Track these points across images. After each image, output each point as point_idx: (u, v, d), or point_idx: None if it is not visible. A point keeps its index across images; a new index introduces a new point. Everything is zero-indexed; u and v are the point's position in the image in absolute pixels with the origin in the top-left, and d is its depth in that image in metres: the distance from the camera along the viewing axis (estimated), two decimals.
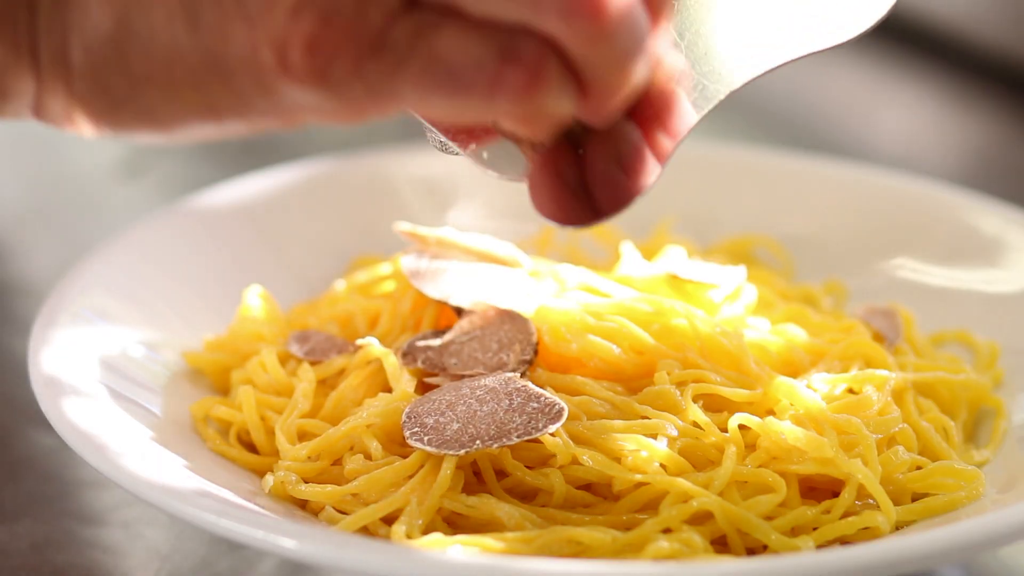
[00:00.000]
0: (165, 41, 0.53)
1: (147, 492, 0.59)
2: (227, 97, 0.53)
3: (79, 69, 0.54)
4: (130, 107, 0.54)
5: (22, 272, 0.96)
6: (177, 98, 0.54)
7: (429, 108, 0.52)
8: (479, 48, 0.51)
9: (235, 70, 0.52)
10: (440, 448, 0.61)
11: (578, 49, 0.51)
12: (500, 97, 0.51)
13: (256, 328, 0.73)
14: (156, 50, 0.53)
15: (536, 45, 0.51)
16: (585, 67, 0.51)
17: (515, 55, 0.51)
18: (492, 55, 0.51)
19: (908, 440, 0.65)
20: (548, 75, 0.51)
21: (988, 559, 0.68)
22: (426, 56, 0.51)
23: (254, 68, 0.52)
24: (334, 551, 0.57)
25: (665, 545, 0.58)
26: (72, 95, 0.55)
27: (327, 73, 0.51)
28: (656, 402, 0.64)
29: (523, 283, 0.71)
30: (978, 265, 0.79)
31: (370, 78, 0.51)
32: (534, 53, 0.51)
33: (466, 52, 0.51)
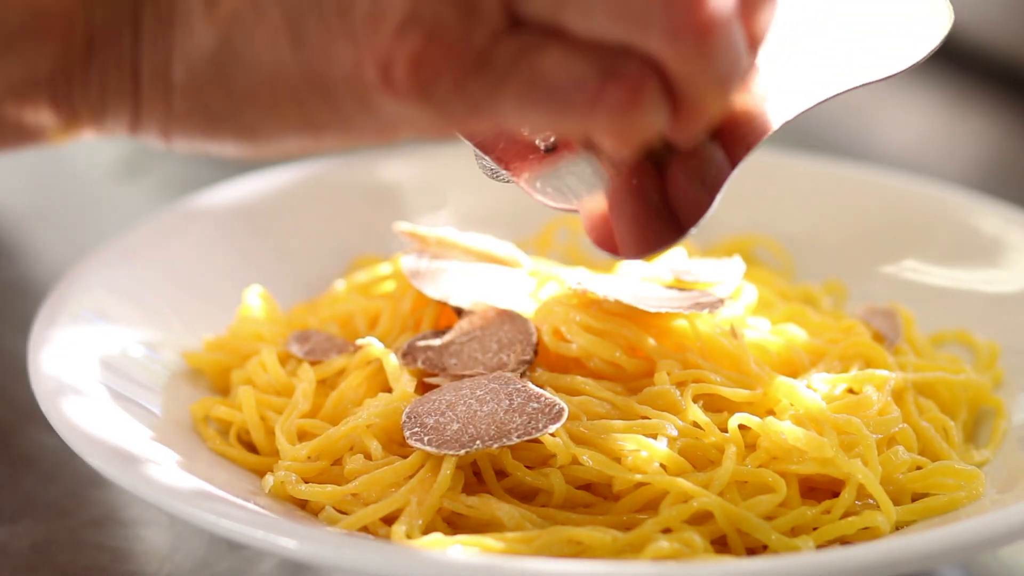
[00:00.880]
0: (268, 59, 0.54)
1: (147, 492, 0.59)
2: (327, 113, 0.54)
3: (180, 87, 0.55)
4: (230, 124, 0.55)
5: (22, 272, 0.96)
6: (277, 115, 0.54)
7: (528, 124, 0.53)
8: (581, 66, 0.52)
9: (337, 87, 0.53)
10: (440, 448, 0.61)
11: (679, 69, 0.52)
12: (600, 113, 0.52)
13: (256, 328, 0.73)
14: (259, 68, 0.54)
15: (638, 64, 0.52)
16: (683, 87, 0.52)
17: (617, 73, 0.52)
18: (594, 73, 0.51)
19: (908, 440, 0.65)
20: (648, 93, 0.52)
21: (988, 559, 0.68)
22: (528, 74, 0.52)
23: (357, 85, 0.53)
24: (334, 551, 0.57)
25: (665, 545, 0.58)
26: (171, 113, 0.55)
27: (430, 90, 0.52)
28: (656, 402, 0.64)
29: (523, 283, 0.71)
30: (978, 265, 0.79)
31: (472, 95, 0.52)
32: (636, 71, 0.52)
33: (568, 70, 0.51)
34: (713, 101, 0.53)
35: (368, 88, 0.53)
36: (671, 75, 0.52)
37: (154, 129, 0.56)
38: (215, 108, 0.55)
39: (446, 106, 0.52)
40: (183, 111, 0.55)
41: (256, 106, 0.54)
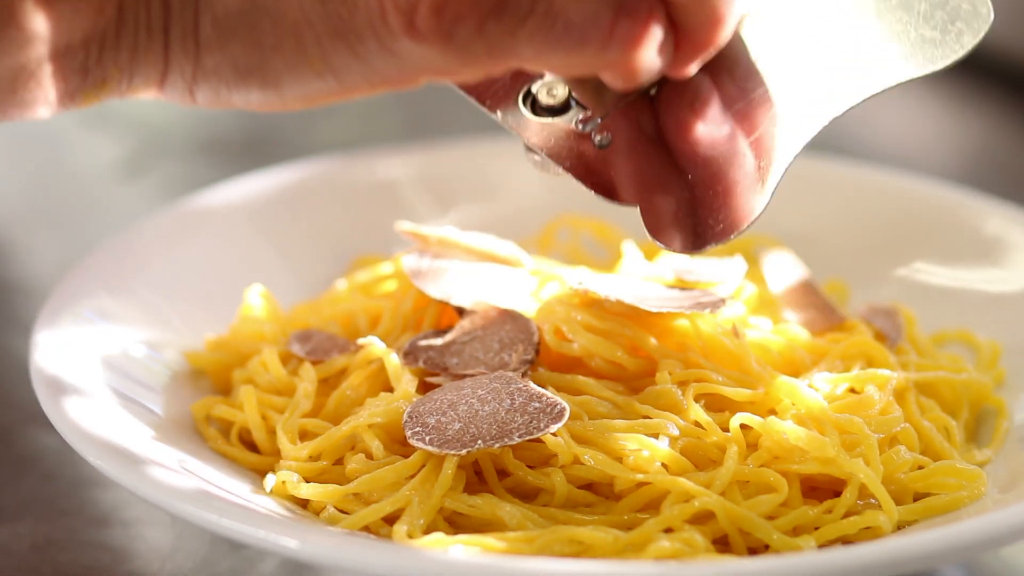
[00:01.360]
0: (293, 11, 0.56)
1: (148, 492, 0.59)
2: (352, 61, 0.56)
3: (208, 43, 0.56)
4: (256, 75, 0.57)
5: (22, 272, 0.96)
6: (303, 64, 0.56)
7: (545, 62, 0.55)
8: (594, 2, 0.54)
9: (362, 34, 0.55)
10: (441, 448, 0.61)
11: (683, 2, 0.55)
12: (612, 49, 0.55)
13: (257, 327, 0.73)
14: (285, 20, 0.56)
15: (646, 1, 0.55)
16: (686, 19, 0.56)
17: (628, 8, 0.55)
18: (607, 8, 0.54)
19: (910, 440, 0.65)
20: (656, 27, 0.55)
21: (990, 559, 0.68)
22: (544, 12, 0.54)
23: (381, 31, 0.55)
24: (335, 551, 0.57)
25: (667, 545, 0.58)
26: (199, 70, 0.57)
27: (452, 33, 0.54)
28: (658, 402, 0.64)
29: (525, 283, 0.71)
30: (980, 265, 0.79)
31: (492, 37, 0.54)
32: (646, 5, 0.55)
33: (582, 7, 0.54)
34: (712, 36, 0.57)
35: (392, 35, 0.55)
36: (675, 7, 0.55)
37: (180, 87, 0.58)
38: (242, 62, 0.56)
39: (467, 48, 0.55)
40: (211, 66, 0.57)
41: (282, 56, 0.56)
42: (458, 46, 0.55)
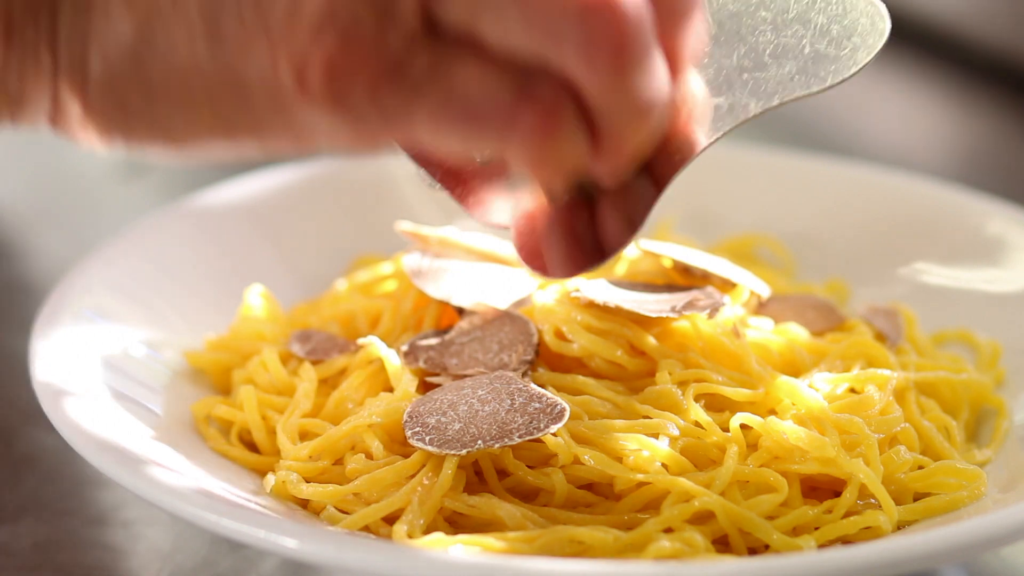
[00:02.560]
0: (184, 54, 0.52)
1: (149, 492, 0.59)
2: (242, 115, 0.53)
3: (96, 78, 0.53)
4: (144, 120, 0.54)
5: (22, 272, 0.96)
6: (192, 113, 0.53)
7: (442, 140, 0.52)
8: (497, 84, 0.50)
9: (253, 88, 0.52)
10: (441, 448, 0.61)
11: (595, 96, 0.51)
12: (513, 136, 0.50)
13: (257, 327, 0.73)
14: (174, 63, 0.53)
15: (553, 87, 0.50)
16: (601, 115, 0.51)
17: (531, 95, 0.50)
18: (509, 92, 0.50)
19: (910, 440, 0.65)
20: (562, 118, 0.51)
21: (990, 559, 0.68)
22: (443, 87, 0.50)
23: (272, 87, 0.52)
24: (335, 551, 0.57)
25: (667, 545, 0.58)
26: (88, 106, 0.54)
27: (344, 97, 0.51)
28: (658, 402, 0.64)
29: (525, 283, 0.71)
30: (980, 264, 0.79)
31: (386, 105, 0.51)
32: (550, 94, 0.50)
33: (483, 86, 0.50)
34: (633, 133, 0.52)
35: (283, 91, 0.51)
36: (588, 102, 0.51)
37: (73, 123, 0.55)
38: (130, 103, 0.54)
39: (359, 115, 0.51)
40: (98, 104, 0.54)
41: (170, 103, 0.53)
42: (350, 112, 0.51)
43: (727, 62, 0.58)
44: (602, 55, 0.50)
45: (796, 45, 0.59)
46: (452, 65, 0.50)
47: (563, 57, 0.50)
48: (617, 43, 0.50)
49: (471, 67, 0.50)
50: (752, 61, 0.59)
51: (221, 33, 0.52)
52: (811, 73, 0.58)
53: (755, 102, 0.58)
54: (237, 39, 0.52)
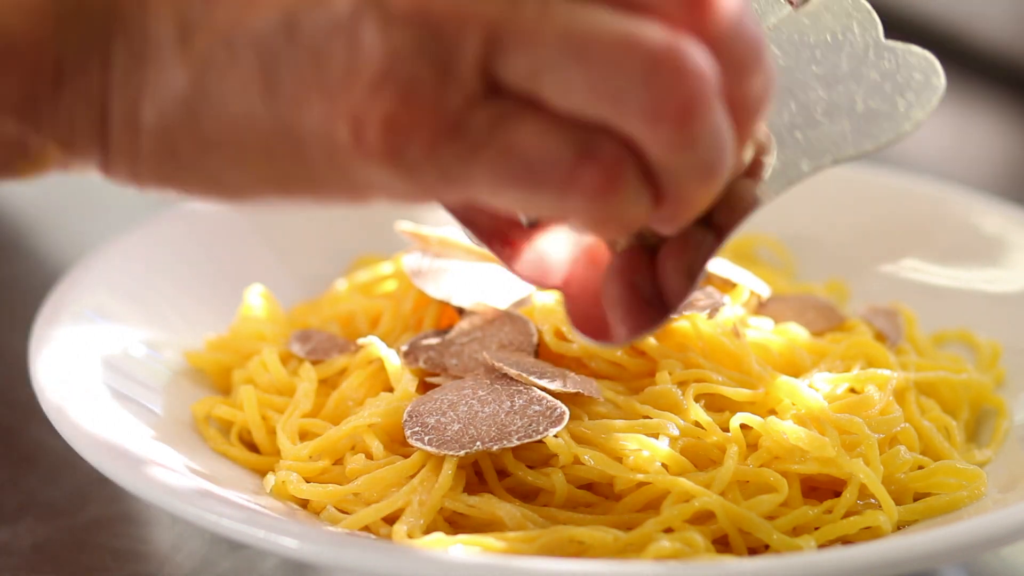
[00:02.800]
0: (239, 108, 0.51)
1: (149, 492, 0.59)
2: (297, 170, 0.52)
3: (148, 130, 0.53)
4: (196, 173, 0.53)
5: (23, 271, 0.96)
6: (245, 167, 0.52)
7: (500, 198, 0.51)
8: (557, 144, 0.49)
9: (308, 143, 0.51)
10: (441, 448, 0.61)
11: (658, 155, 0.50)
12: (573, 195, 0.50)
13: (257, 327, 0.73)
14: (229, 116, 0.51)
15: (615, 146, 0.50)
16: (663, 175, 0.50)
17: (592, 154, 0.49)
18: (569, 152, 0.49)
19: (910, 440, 0.65)
20: (624, 178, 0.50)
21: (990, 559, 0.68)
22: (503, 146, 0.49)
23: (328, 142, 0.51)
24: (335, 551, 0.57)
25: (667, 545, 0.58)
26: (138, 155, 0.53)
27: (402, 154, 0.50)
28: (658, 402, 0.64)
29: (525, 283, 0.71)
30: (980, 264, 0.79)
31: (444, 162, 0.50)
32: (612, 154, 0.50)
33: (543, 146, 0.49)
34: (696, 191, 0.51)
35: (339, 147, 0.50)
36: (650, 161, 0.50)
37: (123, 170, 0.54)
38: (182, 155, 0.53)
39: (417, 173, 0.50)
40: (150, 154, 0.53)
41: (224, 156, 0.52)
42: (408, 169, 0.50)
43: (778, 119, 0.57)
44: (666, 117, 0.49)
45: (848, 102, 0.57)
46: (511, 123, 0.50)
47: (626, 118, 0.49)
48: (681, 104, 0.49)
49: (531, 125, 0.50)
50: (804, 119, 0.57)
51: (277, 87, 0.51)
52: (864, 132, 0.56)
53: (807, 162, 0.56)
54: (293, 94, 0.51)
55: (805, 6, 0.59)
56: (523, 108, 0.50)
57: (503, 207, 0.52)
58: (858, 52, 0.58)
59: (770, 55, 0.52)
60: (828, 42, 0.58)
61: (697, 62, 0.49)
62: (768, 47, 0.52)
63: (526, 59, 0.49)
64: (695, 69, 0.49)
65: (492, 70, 0.49)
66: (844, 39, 0.58)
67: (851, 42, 0.58)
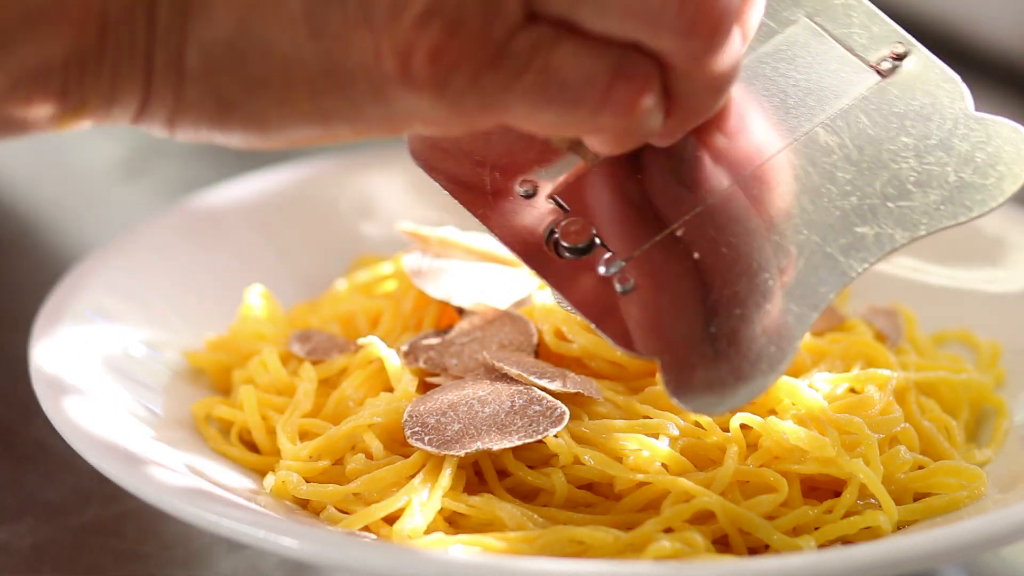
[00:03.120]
0: (285, 47, 0.53)
1: (148, 492, 0.59)
2: (340, 103, 0.53)
3: (193, 74, 0.54)
4: (240, 113, 0.54)
5: (23, 271, 0.96)
6: (290, 104, 0.54)
7: (537, 120, 0.53)
8: (593, 63, 0.52)
9: (354, 77, 0.53)
10: (440, 448, 0.61)
11: (684, 68, 0.53)
12: (606, 112, 0.53)
13: (257, 327, 0.73)
14: (275, 55, 0.53)
15: (646, 63, 0.53)
16: (682, 88, 0.53)
17: (626, 72, 0.52)
18: (605, 71, 0.52)
19: (910, 440, 0.65)
20: (652, 92, 0.53)
21: (990, 559, 0.68)
22: (542, 70, 0.52)
23: (374, 75, 0.53)
24: (335, 551, 0.57)
25: (667, 545, 0.58)
26: (181, 101, 0.54)
27: (446, 83, 0.52)
28: (658, 402, 0.64)
29: (525, 283, 0.71)
30: (980, 265, 0.79)
31: (486, 89, 0.52)
32: (643, 71, 0.53)
33: (580, 67, 0.52)
34: (707, 101, 0.55)
35: (385, 79, 0.53)
36: (674, 74, 0.53)
37: (160, 117, 0.55)
38: (227, 96, 0.54)
39: (459, 100, 0.52)
40: (194, 99, 0.54)
41: (269, 94, 0.54)
42: (451, 96, 0.52)
43: (870, 189, 0.58)
44: (699, 37, 0.52)
45: (940, 173, 0.58)
46: (549, 48, 0.52)
47: (659, 39, 0.52)
48: (713, 25, 0.52)
49: (567, 49, 0.52)
50: (896, 189, 0.58)
51: (323, 24, 0.52)
52: (957, 203, 0.58)
53: (901, 232, 0.58)
54: (339, 30, 0.52)
55: (894, 76, 0.60)
56: (559, 32, 0.52)
57: (533, 129, 0.54)
58: (947, 123, 0.59)
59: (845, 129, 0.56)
60: (917, 112, 0.59)
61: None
62: None
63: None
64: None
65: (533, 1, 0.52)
66: (933, 109, 0.59)
67: (940, 112, 0.59)
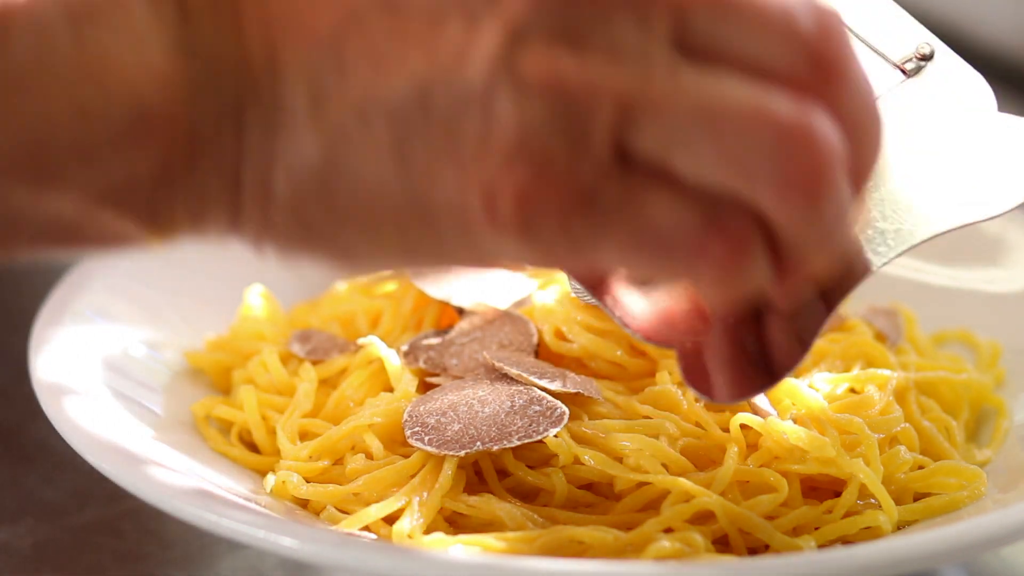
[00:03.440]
0: (372, 179, 0.51)
1: (148, 492, 0.59)
2: (426, 239, 0.51)
3: (280, 199, 0.52)
4: (327, 243, 0.52)
5: (23, 271, 0.96)
6: (376, 237, 0.52)
7: (629, 268, 0.52)
8: (687, 214, 0.49)
9: (440, 214, 0.50)
10: (440, 448, 0.61)
11: (785, 226, 0.50)
12: (702, 265, 0.50)
13: (258, 327, 0.73)
14: (361, 187, 0.51)
15: (743, 217, 0.50)
16: (788, 243, 0.50)
17: (722, 224, 0.49)
18: (699, 222, 0.49)
19: (910, 440, 0.65)
20: (752, 248, 0.50)
21: (990, 559, 0.68)
22: (633, 217, 0.49)
23: (460, 214, 0.50)
24: (335, 550, 0.57)
25: (667, 545, 0.58)
26: (268, 224, 0.52)
27: (533, 225, 0.49)
28: (658, 402, 0.64)
29: (525, 283, 0.71)
30: (979, 264, 0.79)
31: (575, 235, 0.50)
32: (741, 224, 0.50)
33: (673, 216, 0.49)
34: (817, 258, 0.51)
35: (471, 218, 0.50)
36: (777, 230, 0.50)
37: (249, 236, 0.53)
38: (314, 225, 0.52)
39: (547, 243, 0.50)
40: (281, 224, 0.52)
41: (356, 227, 0.52)
42: (538, 239, 0.50)
43: (891, 185, 0.58)
44: (797, 189, 0.49)
45: (961, 171, 0.58)
46: (642, 195, 0.50)
47: (756, 189, 0.49)
48: (812, 179, 0.49)
49: (661, 196, 0.49)
50: (917, 186, 0.58)
51: (410, 156, 0.50)
52: (979, 201, 0.57)
53: (922, 229, 0.57)
54: (426, 165, 0.50)
55: (918, 76, 0.60)
56: (653, 179, 0.49)
57: (629, 273, 0.53)
58: (970, 122, 0.59)
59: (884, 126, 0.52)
60: (941, 112, 0.59)
61: (827, 134, 0.49)
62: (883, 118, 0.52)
63: (658, 131, 0.49)
64: (826, 141, 0.49)
65: (623, 142, 0.49)
66: (957, 109, 0.59)
67: (963, 112, 0.59)
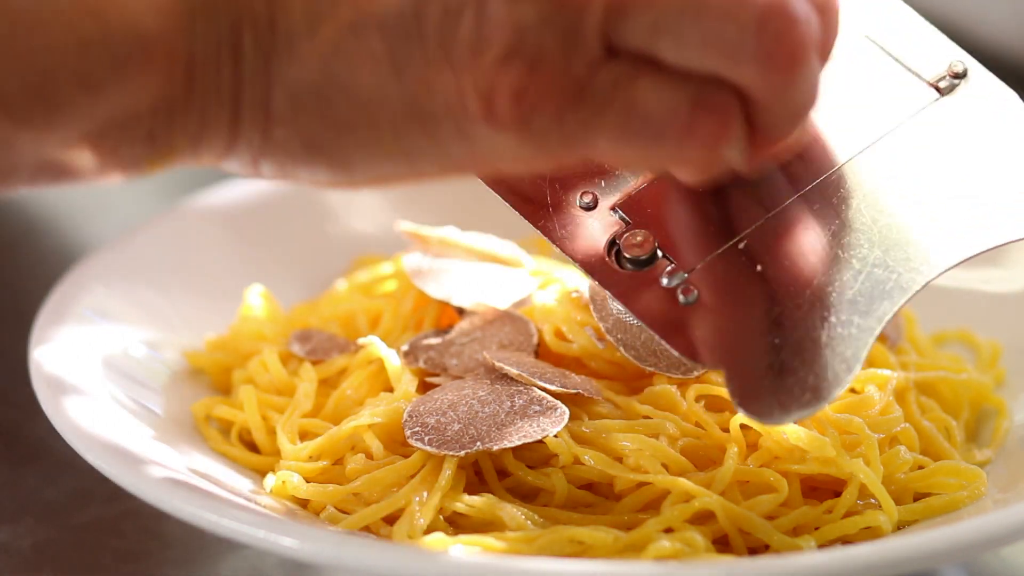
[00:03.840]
0: (369, 89, 0.53)
1: (148, 492, 0.59)
2: (425, 144, 0.54)
3: (280, 117, 0.54)
4: (326, 153, 0.54)
5: (23, 272, 0.96)
6: (375, 145, 0.54)
7: (621, 155, 0.53)
8: (674, 97, 0.52)
9: (438, 117, 0.53)
10: (440, 448, 0.61)
11: (763, 99, 0.53)
12: (689, 144, 0.52)
13: (258, 327, 0.73)
14: (359, 98, 0.53)
15: (727, 94, 0.52)
16: (764, 116, 0.53)
17: (707, 104, 0.52)
18: (686, 104, 0.52)
19: (910, 440, 0.65)
20: (735, 124, 0.53)
21: (990, 559, 0.68)
22: (624, 106, 0.52)
23: (458, 115, 0.53)
24: (335, 550, 0.57)
25: (667, 545, 0.58)
26: (267, 142, 0.54)
27: (530, 121, 0.52)
28: (658, 402, 0.64)
29: (525, 283, 0.71)
30: (979, 264, 0.78)
31: (569, 126, 0.52)
32: (724, 102, 0.52)
33: (661, 101, 0.52)
34: (790, 130, 0.54)
35: (468, 118, 0.52)
36: (755, 104, 0.53)
37: (245, 157, 0.55)
38: (313, 137, 0.54)
39: (543, 138, 0.52)
40: (280, 140, 0.54)
41: (355, 135, 0.54)
42: (534, 135, 0.52)
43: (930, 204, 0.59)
44: (778, 65, 0.52)
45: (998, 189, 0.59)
46: (630, 83, 0.52)
47: (738, 67, 0.52)
48: (791, 51, 0.52)
49: (649, 83, 0.52)
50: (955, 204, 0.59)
51: (405, 65, 0.52)
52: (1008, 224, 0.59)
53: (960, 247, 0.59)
54: (422, 71, 0.52)
55: (952, 94, 0.60)
56: (641, 69, 0.52)
57: (618, 163, 0.56)
58: (1003, 143, 0.60)
59: None
60: (975, 129, 0.60)
61: (805, 11, 0.52)
62: None
63: (645, 21, 0.51)
64: (803, 17, 0.52)
65: (612, 35, 0.52)
66: (991, 126, 0.60)
67: (998, 129, 0.60)
